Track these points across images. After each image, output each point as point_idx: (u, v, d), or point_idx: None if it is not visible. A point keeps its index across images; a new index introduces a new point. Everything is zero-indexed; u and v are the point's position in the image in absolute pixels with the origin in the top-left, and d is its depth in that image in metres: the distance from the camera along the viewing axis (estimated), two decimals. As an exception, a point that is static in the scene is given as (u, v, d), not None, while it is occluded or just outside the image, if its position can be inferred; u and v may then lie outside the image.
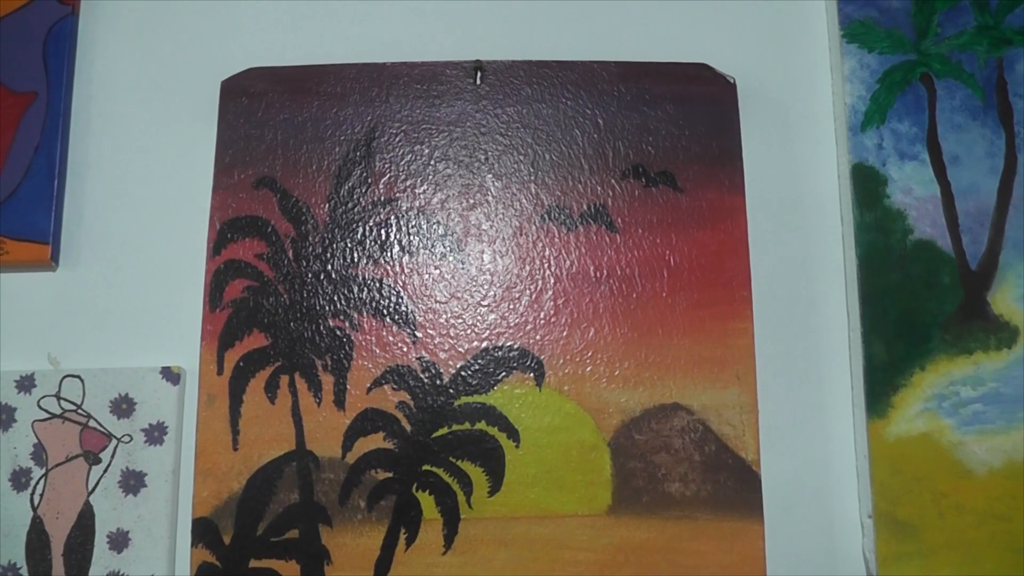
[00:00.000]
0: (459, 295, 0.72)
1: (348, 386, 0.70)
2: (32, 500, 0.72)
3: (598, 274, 0.72)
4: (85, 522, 0.71)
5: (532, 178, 0.73)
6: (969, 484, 0.69)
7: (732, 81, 0.75)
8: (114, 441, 0.72)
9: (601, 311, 0.71)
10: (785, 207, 0.76)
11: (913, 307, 0.71)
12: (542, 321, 0.71)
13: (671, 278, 0.71)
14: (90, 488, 0.72)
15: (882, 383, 0.70)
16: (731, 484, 0.69)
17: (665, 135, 0.74)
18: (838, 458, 0.72)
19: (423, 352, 0.71)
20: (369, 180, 0.74)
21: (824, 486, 0.72)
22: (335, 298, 0.72)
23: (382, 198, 0.73)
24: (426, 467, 0.69)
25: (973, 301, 0.72)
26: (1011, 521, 0.69)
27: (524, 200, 0.73)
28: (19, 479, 0.72)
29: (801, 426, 0.72)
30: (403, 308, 0.72)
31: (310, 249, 0.73)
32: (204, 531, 0.69)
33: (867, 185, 0.73)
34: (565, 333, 0.71)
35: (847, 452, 0.72)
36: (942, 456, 0.70)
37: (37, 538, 0.72)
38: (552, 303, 0.71)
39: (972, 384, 0.71)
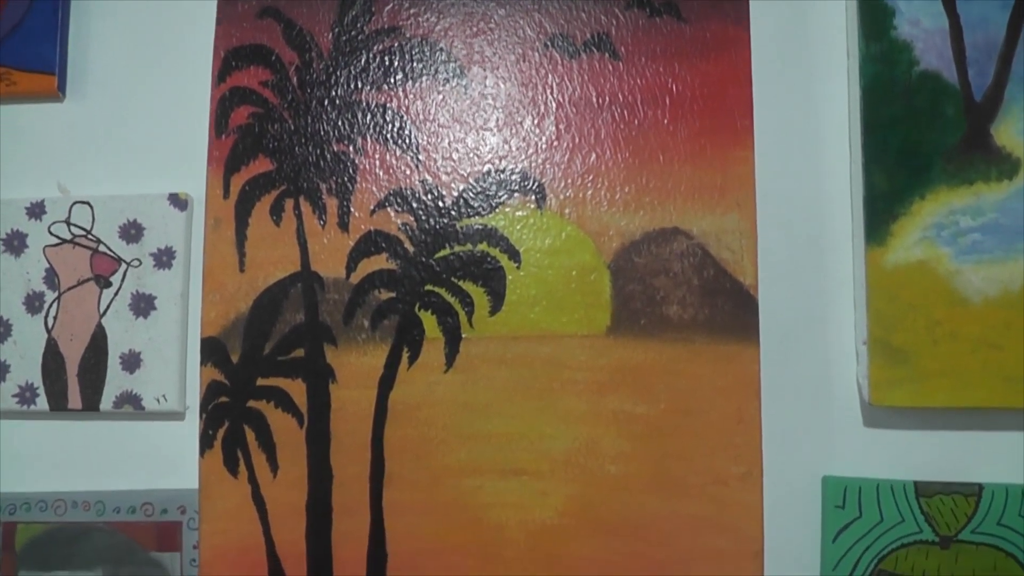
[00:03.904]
0: (462, 119, 0.72)
1: (352, 208, 0.71)
2: (46, 323, 0.74)
3: (600, 101, 0.72)
4: (98, 344, 0.74)
5: (535, 7, 0.73)
6: (964, 312, 0.70)
7: (740, -89, 0.74)
8: (124, 265, 0.74)
9: (603, 137, 0.71)
10: (790, 39, 0.75)
11: (915, 137, 0.71)
12: (544, 145, 0.72)
13: (673, 106, 0.71)
14: (102, 311, 0.74)
15: (882, 211, 0.71)
16: (728, 308, 0.70)
17: (671, -34, 0.73)
18: (835, 285, 0.73)
19: (426, 175, 0.72)
20: (372, 9, 0.74)
21: (821, 312, 0.73)
22: (339, 123, 0.72)
23: (385, 26, 0.73)
24: (428, 287, 0.71)
25: (976, 132, 0.71)
26: (1003, 349, 0.70)
27: (527, 28, 0.73)
28: (33, 303, 0.74)
29: (800, 253, 0.73)
30: (406, 132, 0.72)
31: (314, 76, 0.73)
32: (212, 350, 0.71)
33: (874, 16, 0.72)
34: (566, 158, 0.71)
35: (845, 279, 0.72)
36: (939, 284, 0.70)
37: (52, 359, 0.74)
38: (554, 128, 0.72)
39: (972, 214, 0.71)
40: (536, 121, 0.72)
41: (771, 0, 0.75)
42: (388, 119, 0.72)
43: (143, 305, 0.73)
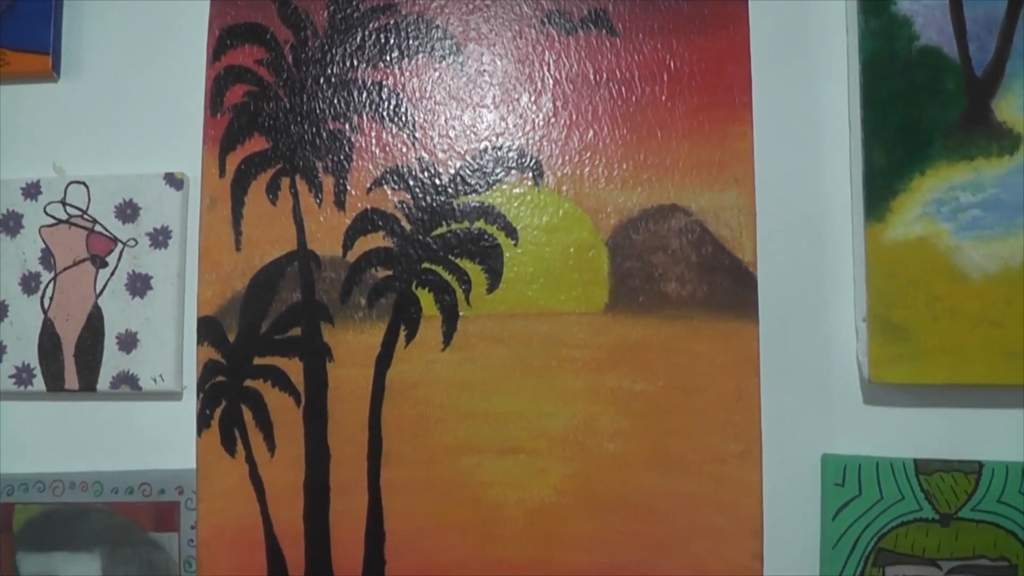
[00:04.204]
0: (458, 96, 0.72)
1: (348, 187, 0.71)
2: (42, 303, 0.74)
3: (598, 77, 0.71)
4: (94, 324, 0.73)
5: (532, -17, 0.73)
6: (964, 288, 0.70)
7: None
8: (120, 245, 0.74)
9: (600, 113, 0.71)
10: (788, 14, 0.74)
11: (915, 113, 0.71)
12: (541, 123, 0.71)
13: (671, 83, 0.71)
14: (98, 291, 0.73)
15: (881, 187, 0.70)
16: (727, 285, 0.69)
17: (668, -59, 0.73)
18: (835, 261, 0.72)
19: (422, 152, 0.71)
20: (368, -14, 0.73)
21: (820, 289, 0.72)
22: (335, 101, 0.72)
23: (381, 4, 0.73)
24: (425, 265, 0.70)
25: (976, 108, 0.71)
26: (1004, 326, 0.69)
27: (524, 5, 0.72)
28: (29, 283, 0.74)
29: (799, 229, 0.73)
30: (402, 110, 0.72)
31: (309, 54, 0.72)
32: (209, 329, 0.71)
33: (874, -9, 0.72)
34: (564, 134, 0.71)
35: (844, 256, 0.72)
36: (939, 260, 0.70)
37: (49, 340, 0.74)
38: (551, 105, 0.71)
39: (972, 190, 0.70)
40: (533, 98, 0.71)
41: (770, -25, 0.74)
42: (384, 97, 0.72)
43: (139, 285, 0.73)
